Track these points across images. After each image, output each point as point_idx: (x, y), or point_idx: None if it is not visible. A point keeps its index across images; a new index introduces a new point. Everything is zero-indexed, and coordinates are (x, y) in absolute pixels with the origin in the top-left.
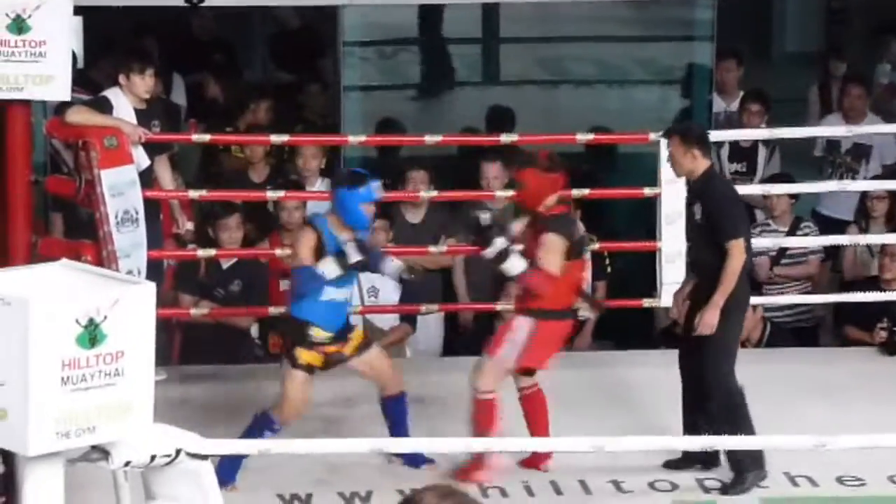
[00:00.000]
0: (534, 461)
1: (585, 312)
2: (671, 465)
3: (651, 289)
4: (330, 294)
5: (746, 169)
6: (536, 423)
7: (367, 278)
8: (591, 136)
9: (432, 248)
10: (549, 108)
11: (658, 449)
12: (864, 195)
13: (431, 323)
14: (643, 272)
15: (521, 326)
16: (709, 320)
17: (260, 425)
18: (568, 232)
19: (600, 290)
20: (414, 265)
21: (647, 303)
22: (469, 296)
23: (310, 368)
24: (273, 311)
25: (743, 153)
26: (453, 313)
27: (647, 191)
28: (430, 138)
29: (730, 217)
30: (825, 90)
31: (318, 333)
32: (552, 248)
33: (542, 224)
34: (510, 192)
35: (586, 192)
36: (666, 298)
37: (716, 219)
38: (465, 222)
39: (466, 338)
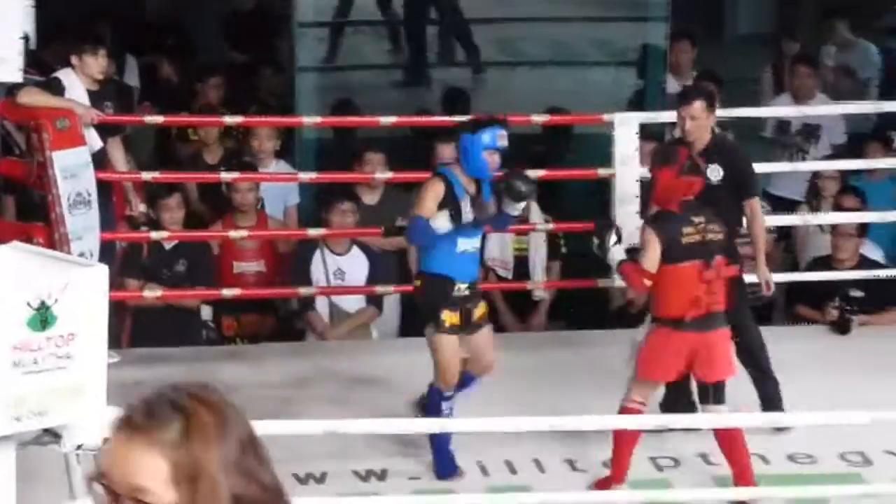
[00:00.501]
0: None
1: (540, 293)
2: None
3: (605, 269)
4: (463, 245)
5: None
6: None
7: (334, 261)
8: (546, 117)
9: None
10: (505, 90)
11: (610, 428)
12: (815, 175)
13: (388, 304)
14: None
15: (644, 335)
16: (769, 277)
17: (434, 402)
18: (667, 232)
19: (555, 271)
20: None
21: (601, 283)
22: None
23: (454, 329)
24: (226, 293)
25: None
26: (410, 294)
27: (602, 171)
28: (385, 120)
29: (753, 174)
30: (778, 71)
31: (459, 286)
32: (645, 244)
33: (649, 219)
34: None
35: (541, 172)
36: (620, 279)
37: (742, 176)
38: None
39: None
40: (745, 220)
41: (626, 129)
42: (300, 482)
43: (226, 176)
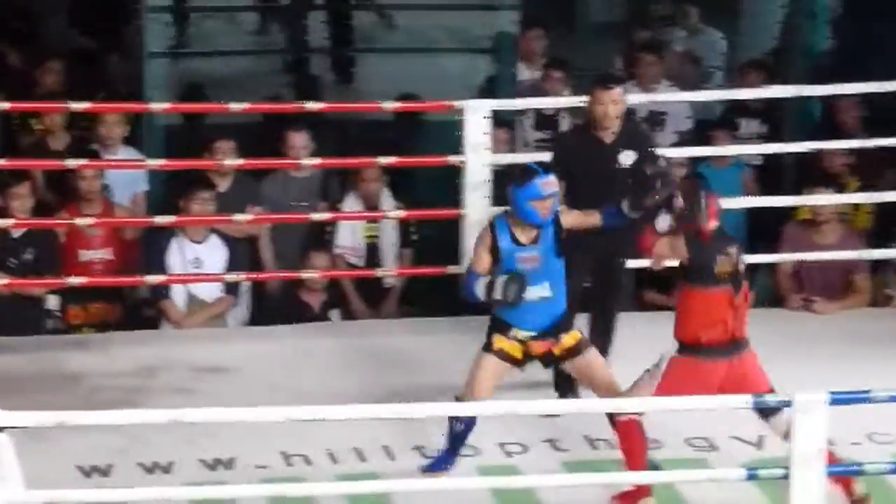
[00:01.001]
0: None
1: (391, 280)
2: None
3: (456, 256)
4: (533, 293)
5: (551, 137)
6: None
7: (191, 249)
8: (396, 105)
9: (237, 217)
10: (357, 76)
11: (462, 414)
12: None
13: (238, 293)
14: (448, 240)
15: (665, 357)
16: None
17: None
18: (699, 253)
19: (406, 258)
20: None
21: (452, 270)
22: (275, 265)
23: (504, 355)
24: (73, 281)
25: (547, 121)
26: (260, 282)
27: (452, 159)
28: (235, 106)
29: (658, 156)
30: (629, 59)
31: (518, 334)
32: (673, 241)
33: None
34: (316, 161)
35: (392, 160)
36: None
37: (653, 158)
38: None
39: (273, 308)
40: None
41: (476, 116)
42: (147, 471)
43: (71, 163)
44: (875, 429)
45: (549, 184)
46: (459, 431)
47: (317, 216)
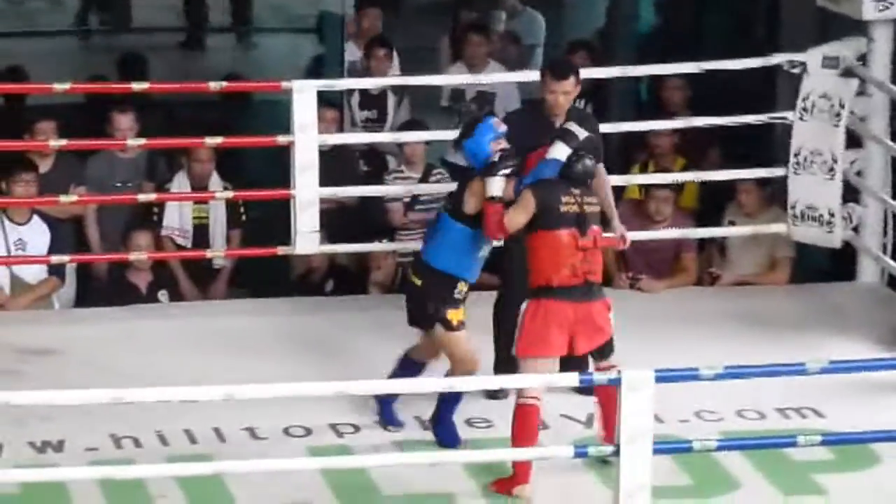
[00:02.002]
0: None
1: (220, 261)
2: None
3: (286, 237)
4: (485, 250)
5: (377, 116)
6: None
7: (14, 231)
8: (224, 85)
9: (63, 198)
10: (184, 56)
11: (291, 395)
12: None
13: (64, 274)
14: (278, 220)
15: (520, 311)
16: (625, 231)
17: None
18: (543, 197)
19: (235, 239)
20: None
21: (281, 251)
22: (101, 246)
23: (462, 325)
24: None
25: (373, 101)
26: (86, 264)
27: (281, 139)
28: (58, 86)
29: (601, 141)
30: (455, 40)
31: (461, 288)
32: (519, 201)
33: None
34: (142, 141)
35: (220, 140)
36: (300, 246)
37: (597, 143)
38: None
39: (100, 289)
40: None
41: (304, 96)
42: None
43: None
44: (702, 406)
45: (500, 123)
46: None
47: (144, 197)
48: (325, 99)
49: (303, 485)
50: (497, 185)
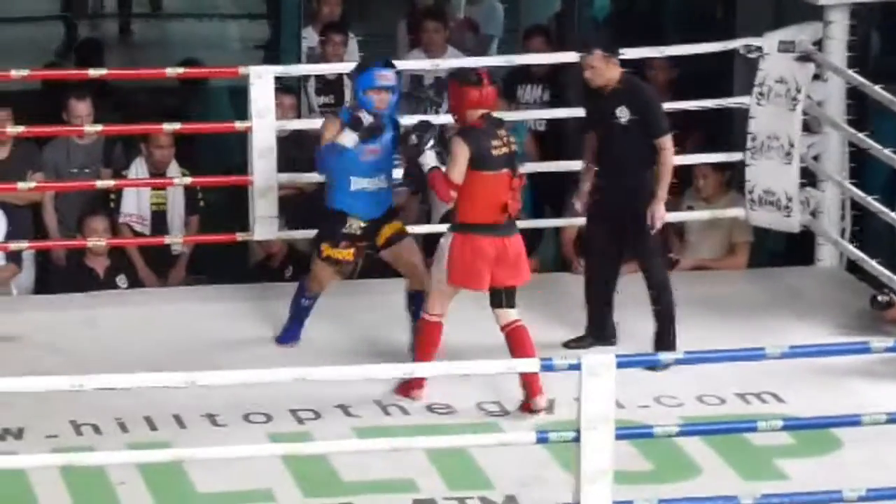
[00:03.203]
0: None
1: (178, 247)
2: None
3: (244, 223)
4: (360, 184)
5: (335, 101)
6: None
7: None
8: (181, 71)
9: (21, 185)
10: (141, 42)
11: (251, 382)
12: (444, 128)
13: (22, 261)
14: (236, 206)
15: (445, 243)
16: (660, 213)
17: (299, 291)
18: (476, 143)
19: (193, 225)
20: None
21: (240, 237)
22: (60, 232)
23: (334, 262)
24: None
25: (330, 86)
26: (45, 250)
27: (239, 125)
28: (16, 73)
29: (661, 113)
30: (413, 26)
31: (352, 224)
32: (454, 155)
33: (455, 133)
34: (99, 127)
35: (177, 126)
36: (259, 232)
37: (648, 116)
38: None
39: (59, 275)
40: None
41: (262, 82)
42: None
43: None
44: (662, 392)
45: (385, 76)
46: (306, 306)
47: (102, 183)
48: (282, 85)
49: (263, 471)
50: (430, 157)
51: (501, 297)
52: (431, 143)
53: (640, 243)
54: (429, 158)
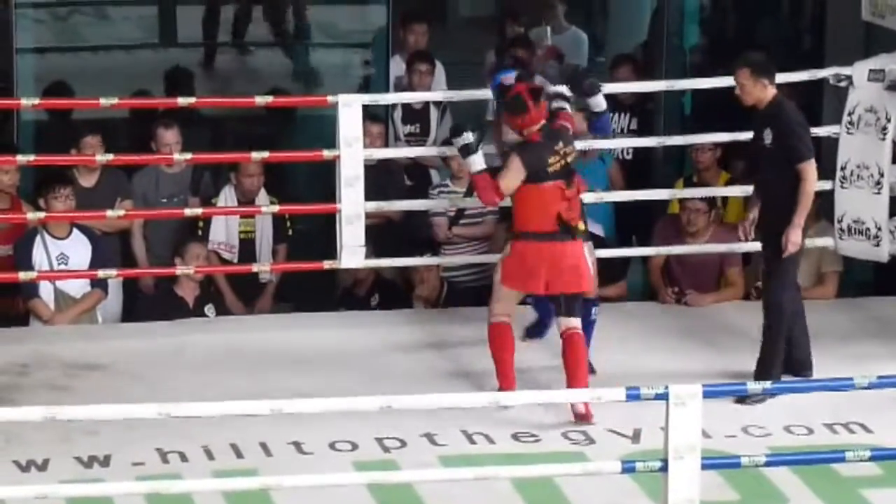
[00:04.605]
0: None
1: (266, 275)
2: None
3: (331, 251)
4: None
5: (420, 130)
6: (568, 367)
7: (55, 245)
8: (270, 99)
9: (110, 213)
10: (230, 70)
11: (337, 410)
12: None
13: (109, 288)
14: (324, 234)
15: (506, 249)
16: (794, 238)
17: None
18: (531, 160)
19: (281, 253)
20: None
21: (327, 265)
22: (149, 260)
23: None
24: None
25: (416, 115)
26: (133, 278)
27: (327, 153)
28: (105, 101)
29: (802, 140)
30: (502, 54)
31: None
32: (508, 168)
33: (513, 147)
34: (188, 156)
35: (266, 154)
36: (346, 260)
37: (788, 142)
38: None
39: (147, 303)
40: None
41: (350, 110)
42: (21, 469)
43: None
44: (750, 422)
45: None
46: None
47: (190, 211)
48: (370, 113)
49: (349, 499)
50: (478, 161)
51: (560, 304)
52: (477, 143)
53: (770, 264)
54: (476, 162)
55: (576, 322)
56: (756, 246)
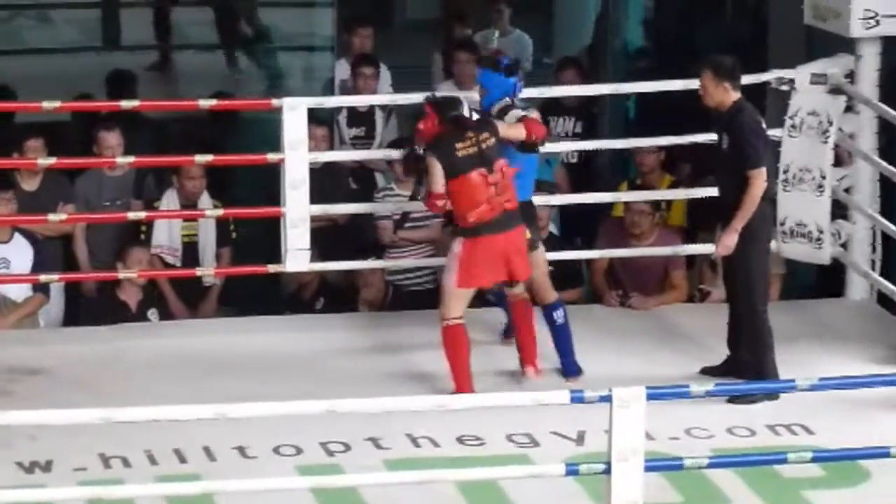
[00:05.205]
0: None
1: (210, 279)
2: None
3: (276, 255)
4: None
5: (365, 133)
6: (519, 329)
7: None
8: (213, 102)
9: (52, 217)
10: (172, 74)
11: (281, 414)
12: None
13: (51, 293)
14: (269, 238)
15: (452, 249)
16: (726, 242)
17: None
18: (441, 151)
19: (225, 257)
20: None
21: (271, 269)
22: (91, 264)
23: None
24: None
25: (361, 118)
26: (76, 282)
27: (271, 157)
28: (47, 105)
29: (753, 147)
30: (448, 57)
31: None
32: (428, 171)
33: (425, 149)
34: (131, 159)
35: (210, 158)
36: (290, 264)
37: (740, 148)
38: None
39: (89, 307)
40: None
41: (295, 114)
42: None
43: None
44: (693, 424)
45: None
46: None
47: (134, 215)
48: (314, 116)
49: None
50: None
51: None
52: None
53: (732, 264)
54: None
55: (521, 288)
56: (701, 249)
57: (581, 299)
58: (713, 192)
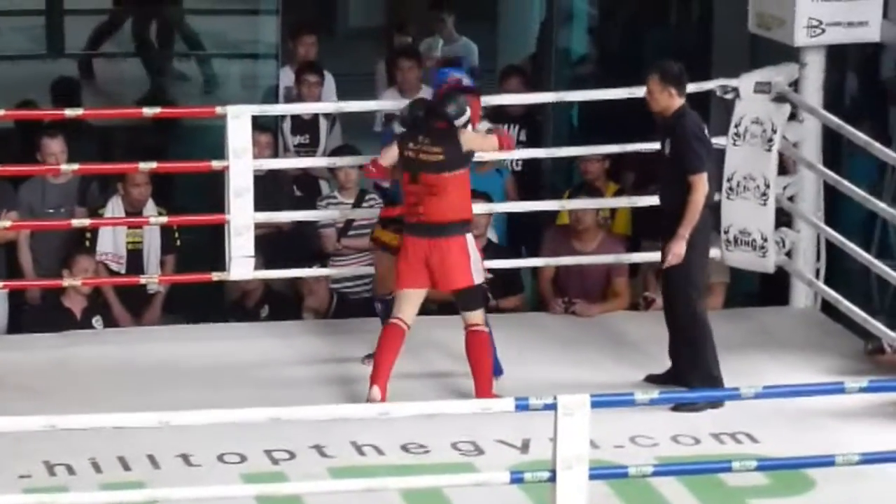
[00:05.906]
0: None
1: (154, 286)
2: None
3: (220, 262)
4: None
5: (309, 141)
6: (471, 364)
7: None
8: (157, 110)
9: None
10: (117, 81)
11: (225, 422)
12: None
13: None
14: (213, 245)
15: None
16: (676, 250)
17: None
18: (402, 142)
19: (169, 264)
20: None
21: (216, 276)
22: (35, 272)
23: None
24: None
25: (305, 126)
26: (19, 290)
27: (216, 164)
28: None
29: (695, 152)
30: (391, 65)
31: None
32: (387, 147)
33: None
34: (75, 166)
35: (154, 165)
36: (235, 271)
37: (681, 154)
38: None
39: (33, 315)
40: None
41: (239, 121)
42: None
43: None
44: (638, 432)
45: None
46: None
47: (77, 222)
48: (258, 123)
49: None
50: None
51: (456, 301)
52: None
53: (664, 279)
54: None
55: (475, 317)
56: (644, 257)
57: (524, 306)
58: (657, 201)
